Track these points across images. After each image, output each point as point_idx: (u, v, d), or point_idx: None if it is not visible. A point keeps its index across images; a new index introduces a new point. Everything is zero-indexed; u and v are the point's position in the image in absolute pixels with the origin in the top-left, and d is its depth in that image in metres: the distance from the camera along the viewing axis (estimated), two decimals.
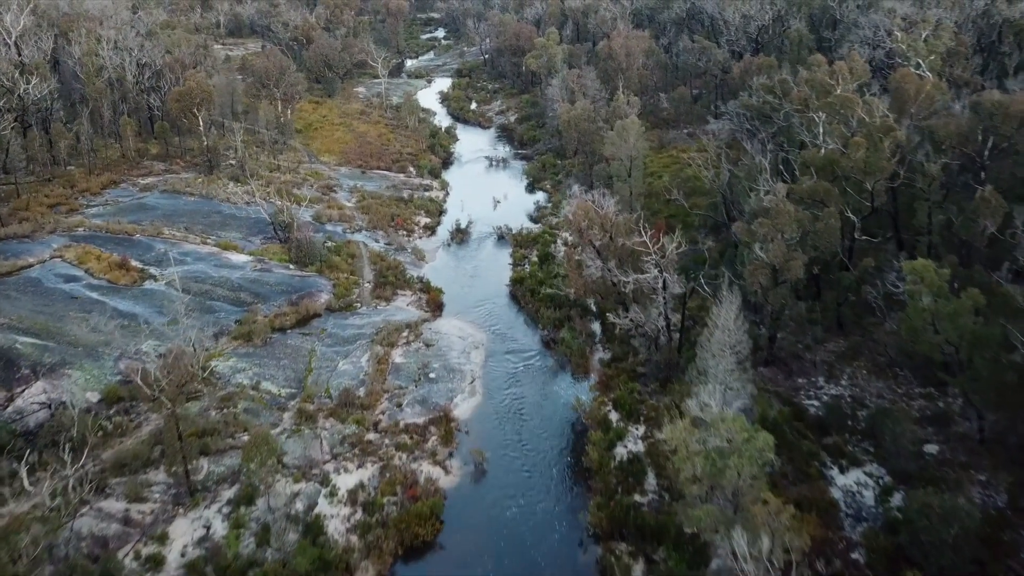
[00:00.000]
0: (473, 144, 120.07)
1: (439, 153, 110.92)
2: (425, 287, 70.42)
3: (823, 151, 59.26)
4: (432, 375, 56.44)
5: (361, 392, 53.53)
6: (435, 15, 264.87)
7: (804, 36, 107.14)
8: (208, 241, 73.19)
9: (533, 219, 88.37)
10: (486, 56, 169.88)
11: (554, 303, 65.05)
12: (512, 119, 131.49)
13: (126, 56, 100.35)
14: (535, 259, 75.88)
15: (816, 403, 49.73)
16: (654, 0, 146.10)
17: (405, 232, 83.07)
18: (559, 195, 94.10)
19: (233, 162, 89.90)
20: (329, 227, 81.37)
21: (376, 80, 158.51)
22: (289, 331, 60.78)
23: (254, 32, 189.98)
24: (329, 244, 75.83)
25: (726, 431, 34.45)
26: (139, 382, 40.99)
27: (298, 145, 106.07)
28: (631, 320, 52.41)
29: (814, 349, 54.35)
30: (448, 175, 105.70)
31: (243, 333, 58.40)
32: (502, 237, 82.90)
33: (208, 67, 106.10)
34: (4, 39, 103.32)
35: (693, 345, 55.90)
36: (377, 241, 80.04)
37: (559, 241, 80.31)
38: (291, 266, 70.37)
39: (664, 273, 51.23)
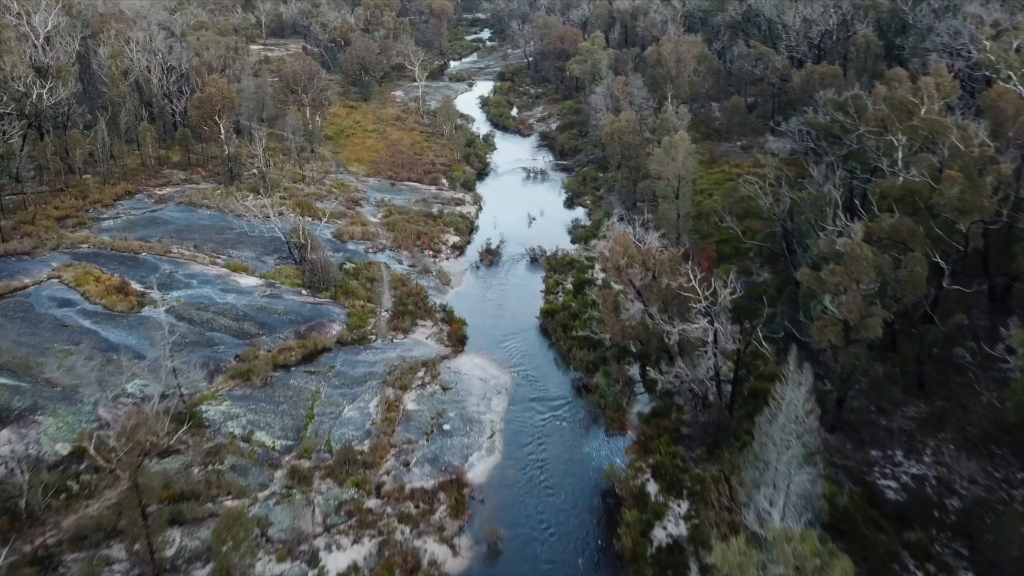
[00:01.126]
0: (511, 153, 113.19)
1: (474, 163, 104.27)
2: (448, 317, 63.77)
3: (901, 178, 50.96)
4: (447, 426, 49.65)
5: (365, 446, 47.02)
6: (481, 15, 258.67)
7: (872, 43, 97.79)
8: (218, 261, 67.54)
9: (570, 238, 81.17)
10: (530, 59, 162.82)
11: (588, 342, 57.77)
12: (553, 127, 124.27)
13: (152, 59, 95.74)
14: (569, 287, 68.65)
15: (894, 484, 41.65)
16: (707, 2, 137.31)
17: (431, 252, 76.50)
18: (599, 212, 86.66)
19: (256, 171, 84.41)
20: (351, 246, 75.24)
21: (415, 84, 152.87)
22: (293, 368, 54.61)
23: (296, 32, 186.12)
24: (348, 266, 69.68)
25: (793, 554, 26.92)
26: (92, 452, 35.00)
27: (327, 153, 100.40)
28: (676, 375, 44.89)
29: (890, 413, 46.12)
30: (482, 187, 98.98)
31: (241, 371, 52.37)
32: (535, 260, 75.86)
33: (237, 70, 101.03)
34: (33, 40, 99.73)
35: (746, 402, 48.47)
36: (401, 262, 73.64)
37: (597, 266, 72.97)
38: (303, 291, 64.31)
39: (715, 323, 43.63)
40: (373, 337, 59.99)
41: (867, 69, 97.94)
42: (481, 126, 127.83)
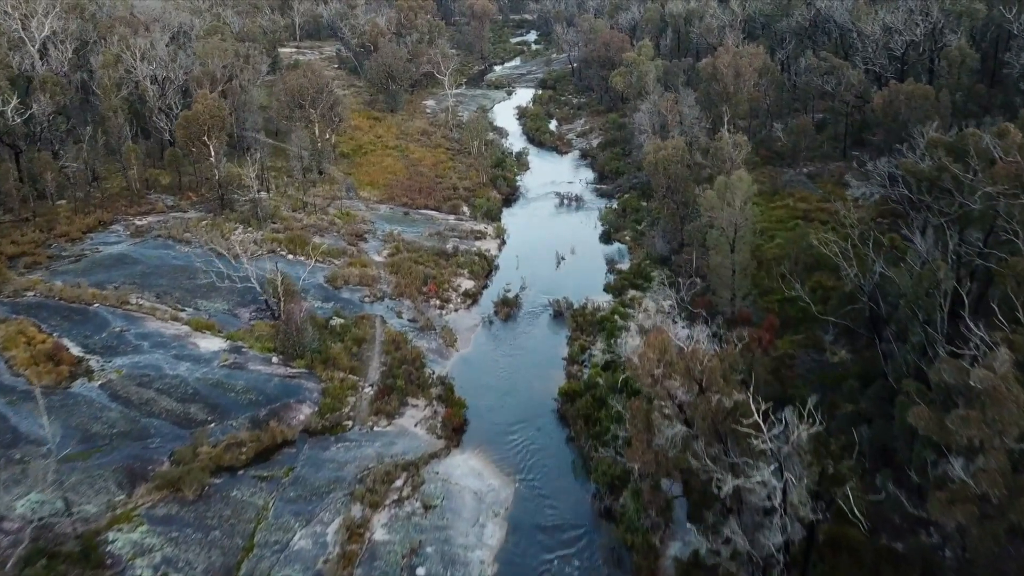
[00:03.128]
0: (546, 174, 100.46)
1: (502, 187, 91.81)
2: (446, 394, 51.60)
3: None
4: (421, 571, 37.46)
5: None
6: (528, 16, 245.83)
7: (968, 56, 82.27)
8: (181, 316, 56.48)
9: (603, 285, 68.23)
10: (574, 65, 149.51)
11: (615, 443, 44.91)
12: (594, 143, 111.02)
13: (148, 68, 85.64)
14: (597, 358, 55.78)
15: None
16: (770, 6, 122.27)
17: (439, 302, 64.34)
18: (640, 253, 73.45)
19: (250, 199, 73.42)
20: (345, 293, 63.59)
21: (452, 90, 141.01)
22: (241, 472, 43.03)
23: (333, 35, 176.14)
24: (335, 321, 58.00)
25: None
26: None
27: (338, 174, 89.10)
28: (727, 539, 31.90)
29: None
30: (509, 215, 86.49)
31: (171, 479, 40.93)
32: (559, 314, 63.21)
33: (245, 80, 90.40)
34: (29, 48, 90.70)
35: (823, 558, 35.23)
36: (400, 315, 61.68)
37: (632, 327, 59.90)
38: (275, 359, 52.79)
39: (786, 474, 30.46)
40: (349, 423, 48.12)
41: (960, 88, 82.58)
42: (515, 141, 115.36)
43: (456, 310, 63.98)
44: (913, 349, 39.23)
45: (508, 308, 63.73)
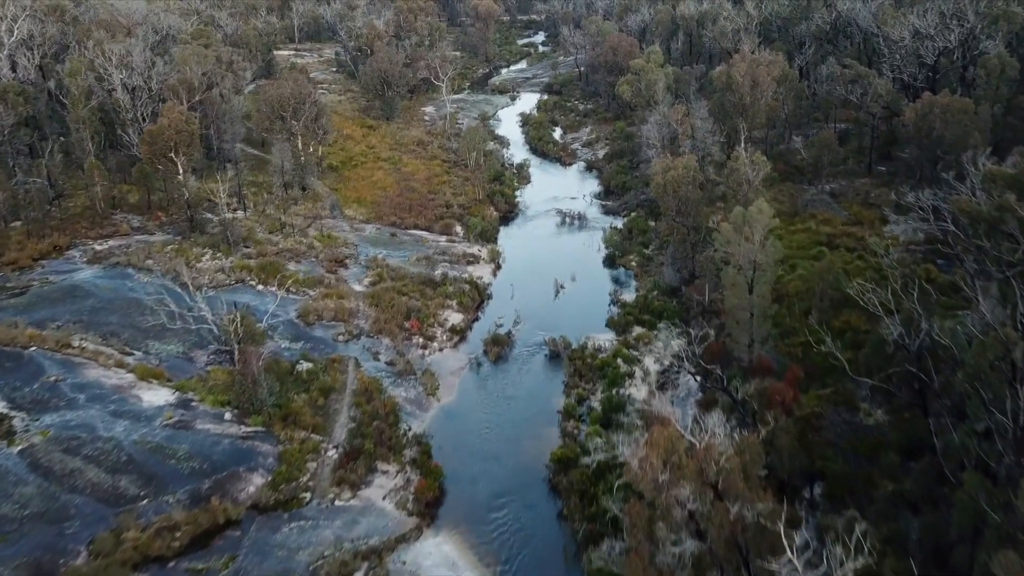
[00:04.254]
0: (548, 187, 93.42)
1: (500, 203, 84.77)
2: (421, 458, 44.69)
3: None
4: None
5: None
6: (536, 17, 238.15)
7: (1008, 65, 74.51)
8: (127, 361, 49.80)
9: (606, 318, 61.19)
10: (580, 69, 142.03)
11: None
12: (600, 154, 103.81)
13: (121, 76, 79.13)
14: (596, 411, 48.71)
15: None
16: (788, 8, 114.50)
17: (422, 339, 57.46)
18: (647, 281, 66.33)
19: (223, 219, 66.70)
20: (317, 331, 56.80)
21: (453, 96, 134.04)
22: (173, 563, 36.31)
23: (333, 36, 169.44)
24: (303, 366, 51.18)
25: None
26: None
27: (323, 190, 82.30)
28: None
29: None
30: (506, 235, 79.53)
31: None
32: (556, 355, 56.22)
33: (227, 88, 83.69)
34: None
35: None
36: (378, 356, 54.82)
37: (638, 375, 52.87)
38: (228, 414, 46.04)
39: None
40: (307, 496, 41.32)
41: (999, 100, 74.90)
42: (517, 151, 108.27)
43: (441, 349, 57.03)
44: (972, 434, 31.99)
45: (499, 347, 56.77)
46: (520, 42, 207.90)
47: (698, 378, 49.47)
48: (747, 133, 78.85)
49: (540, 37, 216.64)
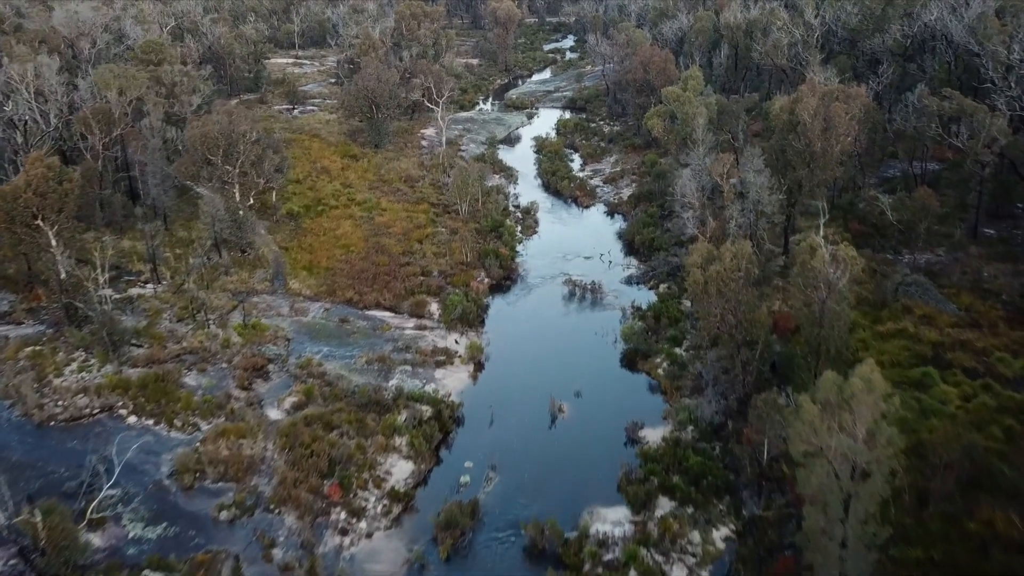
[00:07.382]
0: (558, 239, 74.17)
1: (493, 268, 65.41)
2: None
3: None
4: None
5: None
6: (565, 20, 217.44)
7: None
8: None
9: (619, 475, 41.66)
10: (608, 84, 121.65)
11: None
12: (625, 194, 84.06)
13: (24, 103, 61.63)
14: None
15: None
16: (856, 18, 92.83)
17: (344, 515, 38.55)
18: (680, 409, 46.39)
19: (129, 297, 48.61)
20: (195, 500, 38.29)
21: (462, 113, 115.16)
22: None
23: (337, 43, 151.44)
24: None
25: None
26: None
27: (271, 251, 63.83)
28: None
29: None
30: (497, 313, 60.42)
31: None
32: (540, 551, 36.92)
33: (155, 120, 65.62)
34: None
35: None
36: (272, 547, 36.05)
37: None
38: None
39: None
40: None
41: None
42: (526, 187, 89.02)
43: (370, 534, 37.94)
44: None
45: (456, 534, 37.61)
46: (547, 47, 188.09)
47: None
48: (808, 187, 58.55)
49: (569, 42, 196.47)
